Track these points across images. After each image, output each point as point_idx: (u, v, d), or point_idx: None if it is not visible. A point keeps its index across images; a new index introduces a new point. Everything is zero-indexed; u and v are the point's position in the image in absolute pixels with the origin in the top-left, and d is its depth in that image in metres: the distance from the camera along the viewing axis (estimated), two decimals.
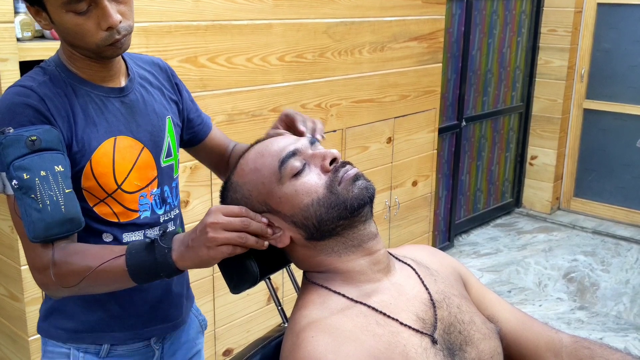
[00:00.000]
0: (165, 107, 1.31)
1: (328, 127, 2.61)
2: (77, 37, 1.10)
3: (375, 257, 1.05)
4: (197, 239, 1.01)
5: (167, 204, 1.29)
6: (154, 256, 1.05)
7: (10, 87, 1.13)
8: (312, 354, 0.90)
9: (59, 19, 1.09)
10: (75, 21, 1.08)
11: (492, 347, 1.05)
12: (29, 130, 1.06)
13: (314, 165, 1.04)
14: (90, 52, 1.13)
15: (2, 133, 1.06)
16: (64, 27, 1.10)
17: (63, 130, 1.12)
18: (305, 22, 2.42)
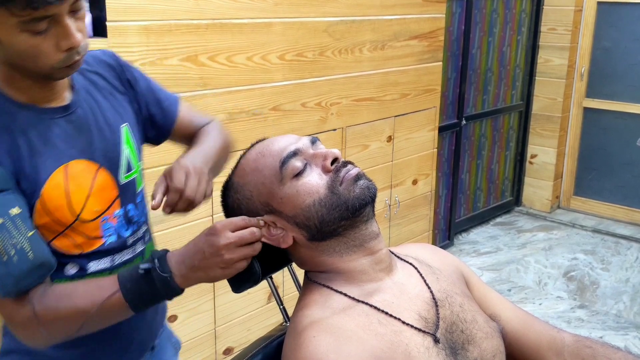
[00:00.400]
0: (119, 114, 1.17)
1: (328, 126, 2.61)
2: (29, 59, 0.96)
3: (377, 256, 1.05)
4: (209, 261, 0.98)
5: (133, 223, 1.19)
6: (155, 286, 1.01)
7: None
8: (314, 354, 0.90)
9: (9, 40, 0.94)
10: (31, 42, 0.94)
11: (495, 346, 1.05)
12: None
13: (315, 165, 1.04)
14: (40, 74, 1.00)
15: None
16: (15, 49, 0.95)
17: (7, 167, 0.99)
18: (306, 20, 2.42)
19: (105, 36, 1.84)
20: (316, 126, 2.55)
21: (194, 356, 2.25)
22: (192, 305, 2.19)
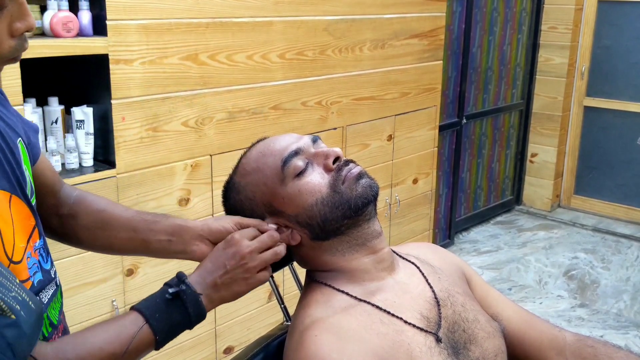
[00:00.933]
0: (11, 127, 0.93)
1: (328, 125, 2.61)
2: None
3: (380, 255, 1.04)
4: (232, 274, 0.95)
5: (48, 252, 0.98)
6: (186, 311, 0.91)
7: None
8: (315, 353, 0.90)
9: None
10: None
11: (496, 345, 1.05)
12: None
13: (317, 164, 1.03)
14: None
15: None
16: None
17: None
18: (306, 19, 2.42)
19: (105, 35, 1.84)
20: (316, 125, 2.55)
21: (194, 355, 2.25)
22: None
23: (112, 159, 1.94)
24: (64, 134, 1.93)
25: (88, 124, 1.92)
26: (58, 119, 1.92)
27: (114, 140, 1.91)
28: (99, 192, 1.89)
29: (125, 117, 1.92)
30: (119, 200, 1.94)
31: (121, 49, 1.88)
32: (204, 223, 1.03)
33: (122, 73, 1.89)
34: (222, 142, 2.20)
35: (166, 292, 0.91)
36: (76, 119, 1.92)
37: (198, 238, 1.02)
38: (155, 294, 0.92)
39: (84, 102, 1.94)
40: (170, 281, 0.93)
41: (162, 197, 2.06)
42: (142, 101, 1.96)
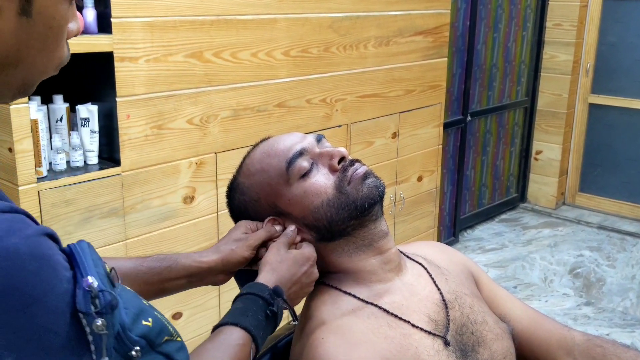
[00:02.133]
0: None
1: (333, 123, 2.60)
2: (56, 44, 0.67)
3: (387, 256, 1.03)
4: (302, 280, 0.97)
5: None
6: (275, 326, 0.92)
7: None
8: (323, 355, 0.89)
9: (49, 6, 0.64)
10: (65, 16, 0.66)
11: (505, 347, 1.04)
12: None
13: (322, 164, 1.02)
14: (30, 81, 0.68)
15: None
16: (50, 23, 0.64)
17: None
18: (310, 16, 2.41)
19: (110, 32, 1.83)
20: (321, 123, 2.54)
21: None
22: (198, 302, 2.18)
23: (117, 156, 1.93)
24: (68, 131, 1.93)
25: (93, 121, 1.92)
26: (63, 116, 1.91)
27: (118, 138, 1.91)
28: (104, 190, 1.88)
29: (130, 114, 1.92)
30: (124, 199, 1.93)
31: (126, 47, 1.87)
32: (218, 257, 1.00)
33: (127, 71, 1.89)
34: (226, 139, 2.20)
35: (268, 310, 0.90)
36: (81, 117, 1.91)
37: (216, 273, 1.01)
38: (253, 308, 0.89)
39: (88, 100, 1.94)
40: (264, 294, 0.90)
41: (166, 195, 2.05)
42: (146, 99, 1.95)
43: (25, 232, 0.58)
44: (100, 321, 0.60)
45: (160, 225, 2.06)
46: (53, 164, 1.85)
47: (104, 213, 1.90)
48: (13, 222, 0.58)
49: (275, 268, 0.95)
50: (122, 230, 1.95)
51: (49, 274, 0.58)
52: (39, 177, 1.76)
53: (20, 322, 0.56)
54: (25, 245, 0.57)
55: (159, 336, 0.68)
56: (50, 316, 0.58)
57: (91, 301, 0.60)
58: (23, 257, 0.56)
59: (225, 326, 0.86)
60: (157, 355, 0.68)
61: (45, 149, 1.80)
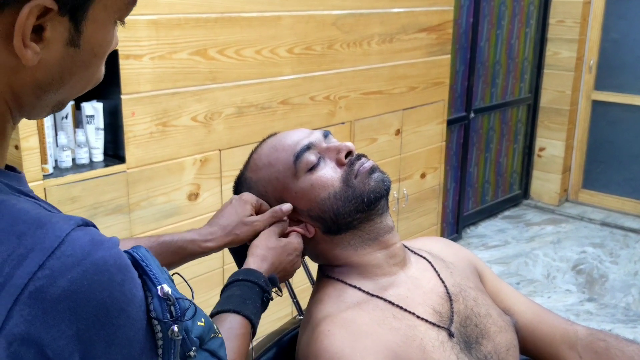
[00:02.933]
0: None
1: (337, 120, 2.61)
2: (97, 68, 0.67)
3: (392, 250, 1.05)
4: (286, 268, 1.02)
5: None
6: (266, 307, 0.98)
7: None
8: (329, 348, 0.90)
9: (98, 35, 0.63)
10: (112, 38, 0.66)
11: (508, 339, 1.05)
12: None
13: (329, 158, 1.04)
14: (68, 98, 0.68)
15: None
16: (95, 50, 0.64)
17: None
18: (314, 14, 2.42)
19: None
20: (325, 120, 2.55)
21: None
22: (203, 298, 2.20)
23: (122, 153, 1.94)
24: (74, 129, 1.94)
25: (98, 119, 1.93)
26: (68, 114, 1.93)
27: (123, 135, 1.92)
28: (109, 187, 1.90)
29: (135, 112, 1.93)
30: (129, 195, 1.95)
31: (131, 44, 1.88)
32: (223, 242, 1.04)
33: (131, 68, 1.90)
34: (231, 137, 2.21)
35: (264, 297, 0.94)
36: (86, 114, 1.93)
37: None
38: (252, 296, 0.93)
39: (94, 98, 1.95)
40: (260, 282, 0.94)
41: (171, 191, 2.07)
42: (151, 96, 1.96)
43: (107, 245, 0.59)
44: (176, 328, 0.62)
45: (165, 222, 2.07)
46: (59, 161, 1.87)
47: (109, 210, 1.91)
48: (93, 235, 0.59)
49: (266, 255, 0.99)
50: (127, 227, 1.96)
51: (131, 284, 0.60)
52: (45, 174, 1.78)
53: (111, 333, 0.58)
54: (111, 257, 0.58)
55: (208, 334, 0.71)
56: (133, 325, 0.60)
57: (167, 309, 0.62)
58: (111, 270, 0.58)
59: (228, 313, 0.89)
60: (204, 353, 0.70)
61: (51, 146, 1.82)
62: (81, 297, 0.56)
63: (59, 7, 0.57)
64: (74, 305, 0.55)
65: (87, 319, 0.56)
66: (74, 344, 0.56)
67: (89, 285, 0.56)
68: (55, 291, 0.55)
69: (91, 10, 0.60)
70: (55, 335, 0.55)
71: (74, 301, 0.55)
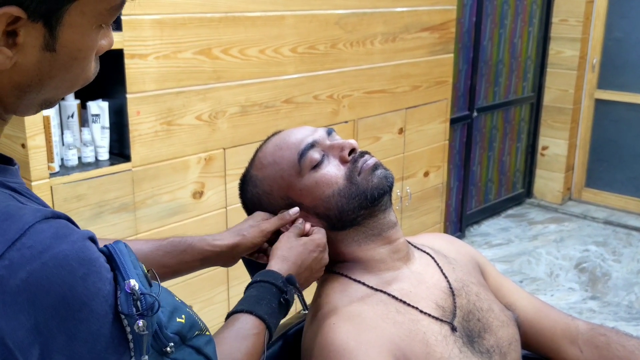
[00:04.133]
0: None
1: (340, 118, 2.62)
2: (81, 70, 0.67)
3: (395, 245, 1.06)
4: (312, 266, 1.00)
5: None
6: (285, 313, 0.95)
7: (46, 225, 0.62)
8: (334, 340, 0.92)
9: (76, 40, 0.64)
10: (95, 41, 0.67)
11: (510, 334, 1.07)
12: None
13: (333, 156, 1.05)
14: (55, 97, 0.69)
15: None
16: (75, 54, 0.65)
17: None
18: (317, 13, 2.43)
19: (120, 30, 1.86)
20: (328, 118, 2.56)
21: None
22: (207, 295, 2.21)
23: (127, 152, 1.96)
24: (80, 128, 1.96)
25: (104, 118, 1.95)
26: (74, 113, 1.94)
27: (129, 134, 1.94)
28: (115, 185, 1.91)
29: (140, 111, 1.95)
30: (134, 194, 1.96)
31: (136, 44, 1.90)
32: (230, 242, 1.02)
33: (136, 67, 1.91)
34: (235, 135, 2.22)
35: (282, 298, 0.93)
36: (92, 113, 1.94)
37: (226, 256, 1.04)
38: (267, 296, 0.91)
39: (99, 97, 1.97)
40: (277, 282, 0.93)
41: (176, 190, 2.08)
42: (156, 95, 1.98)
43: (71, 238, 0.59)
44: (141, 322, 0.62)
45: (170, 220, 2.09)
46: (65, 159, 1.88)
47: (115, 208, 1.93)
48: (58, 228, 0.60)
49: (286, 255, 0.98)
50: (132, 225, 1.98)
51: (95, 278, 0.60)
52: (51, 173, 1.79)
53: (72, 327, 0.58)
54: (73, 251, 0.59)
55: (190, 331, 0.71)
56: (97, 319, 0.60)
57: (133, 304, 0.62)
58: (72, 264, 0.58)
59: (241, 314, 0.89)
60: (188, 349, 0.71)
61: (57, 145, 1.83)
62: (40, 290, 0.56)
63: (27, 15, 0.58)
64: (33, 297, 0.56)
65: (45, 311, 0.57)
66: (34, 336, 0.57)
67: (48, 278, 0.56)
68: (14, 282, 0.55)
69: (67, 16, 0.61)
70: (14, 326, 0.56)
71: (33, 293, 0.56)
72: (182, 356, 0.69)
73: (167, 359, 0.68)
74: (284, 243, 1.00)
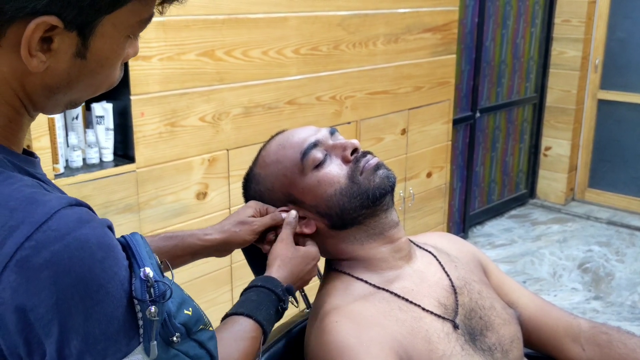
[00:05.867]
0: None
1: (342, 119, 2.63)
2: (106, 76, 0.72)
3: (397, 244, 1.07)
4: (304, 278, 1.04)
5: None
6: (278, 319, 0.98)
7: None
8: (336, 338, 0.92)
9: (105, 49, 0.69)
10: (123, 50, 0.72)
11: (512, 332, 1.07)
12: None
13: (335, 155, 1.06)
14: (81, 99, 0.74)
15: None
16: (103, 62, 0.70)
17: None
18: (320, 14, 2.44)
19: None
20: (331, 119, 2.57)
21: None
22: (211, 296, 2.22)
23: (131, 153, 1.97)
24: (84, 129, 1.97)
25: (108, 119, 1.96)
26: (79, 115, 1.95)
27: (133, 135, 1.95)
28: (119, 186, 1.92)
29: (144, 112, 1.96)
30: (138, 195, 1.97)
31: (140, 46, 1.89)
32: (221, 237, 1.05)
33: (140, 69, 1.92)
34: (238, 136, 2.23)
35: (279, 306, 0.96)
36: (96, 115, 1.95)
37: (218, 250, 1.07)
38: (267, 303, 0.94)
39: (103, 98, 1.98)
40: (277, 290, 0.96)
41: (180, 191, 2.09)
42: (160, 97, 1.99)
43: (92, 224, 0.64)
44: (153, 308, 0.66)
45: (174, 221, 2.10)
46: (69, 161, 1.90)
47: (119, 209, 1.94)
48: (81, 214, 0.64)
49: (287, 264, 1.01)
50: (137, 226, 1.99)
51: (112, 263, 0.64)
52: (56, 174, 1.81)
53: (89, 307, 0.62)
54: (94, 235, 0.63)
55: (195, 325, 0.74)
56: (112, 301, 0.64)
57: (147, 290, 0.66)
58: (92, 247, 0.63)
59: (241, 316, 0.91)
60: (192, 342, 0.73)
61: (61, 146, 1.85)
62: (61, 269, 0.60)
63: (64, 24, 0.63)
64: (55, 275, 0.60)
65: (66, 290, 0.61)
66: (54, 312, 0.61)
67: (70, 259, 0.61)
68: (38, 261, 0.60)
69: (99, 27, 0.66)
70: (36, 302, 0.60)
71: (55, 272, 0.60)
72: (186, 348, 0.72)
73: (172, 349, 0.70)
74: (285, 251, 1.02)
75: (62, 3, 0.62)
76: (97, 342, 0.63)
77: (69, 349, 0.62)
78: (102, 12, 0.65)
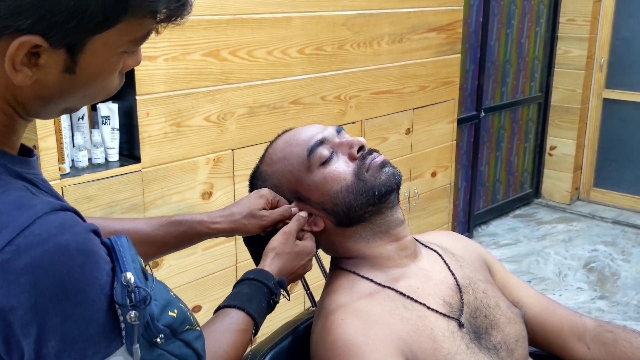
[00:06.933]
0: None
1: (347, 119, 2.63)
2: (102, 87, 0.73)
3: (402, 242, 1.07)
4: (298, 272, 1.05)
5: None
6: (270, 312, 1.00)
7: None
8: (342, 336, 0.93)
9: (97, 65, 0.69)
10: (117, 66, 0.72)
11: (517, 330, 1.07)
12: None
13: (342, 153, 1.07)
14: (77, 106, 0.75)
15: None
16: (95, 77, 0.70)
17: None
18: (324, 14, 2.44)
19: None
20: (335, 119, 2.57)
21: None
22: (217, 295, 2.23)
23: (137, 153, 1.98)
24: (90, 129, 1.98)
25: (113, 119, 1.97)
26: (84, 115, 1.96)
27: (138, 135, 1.95)
28: (125, 186, 1.93)
29: (149, 112, 1.96)
30: (144, 194, 1.98)
31: (145, 46, 1.90)
32: (229, 227, 1.07)
33: (146, 70, 1.93)
34: (243, 136, 2.24)
35: (271, 299, 0.98)
36: (102, 115, 1.96)
37: (224, 235, 1.10)
38: (259, 296, 0.96)
39: (109, 99, 1.98)
40: (269, 283, 0.97)
41: (185, 190, 2.10)
42: (165, 97, 1.99)
43: (75, 229, 0.66)
44: (133, 313, 0.67)
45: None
46: (75, 161, 1.90)
47: (125, 209, 1.94)
48: (64, 220, 0.66)
49: (281, 257, 1.02)
50: None
51: (92, 268, 0.66)
52: (62, 174, 1.81)
53: (67, 309, 0.64)
54: (75, 241, 0.65)
55: (181, 325, 0.75)
56: (91, 305, 0.65)
57: (127, 295, 0.67)
58: (72, 252, 0.64)
59: (232, 309, 0.93)
60: (178, 342, 0.74)
61: (67, 146, 1.86)
62: (41, 273, 0.62)
63: (50, 44, 0.64)
64: (34, 279, 0.62)
65: (44, 293, 0.62)
66: (32, 314, 0.62)
67: (49, 263, 0.62)
68: (19, 265, 0.62)
69: (89, 45, 0.66)
70: (15, 304, 0.62)
71: (35, 276, 0.62)
72: (172, 348, 0.73)
73: (157, 350, 0.72)
74: (281, 245, 1.03)
75: (47, 24, 0.62)
76: (75, 343, 0.64)
77: (47, 349, 0.63)
78: (89, 33, 0.65)
